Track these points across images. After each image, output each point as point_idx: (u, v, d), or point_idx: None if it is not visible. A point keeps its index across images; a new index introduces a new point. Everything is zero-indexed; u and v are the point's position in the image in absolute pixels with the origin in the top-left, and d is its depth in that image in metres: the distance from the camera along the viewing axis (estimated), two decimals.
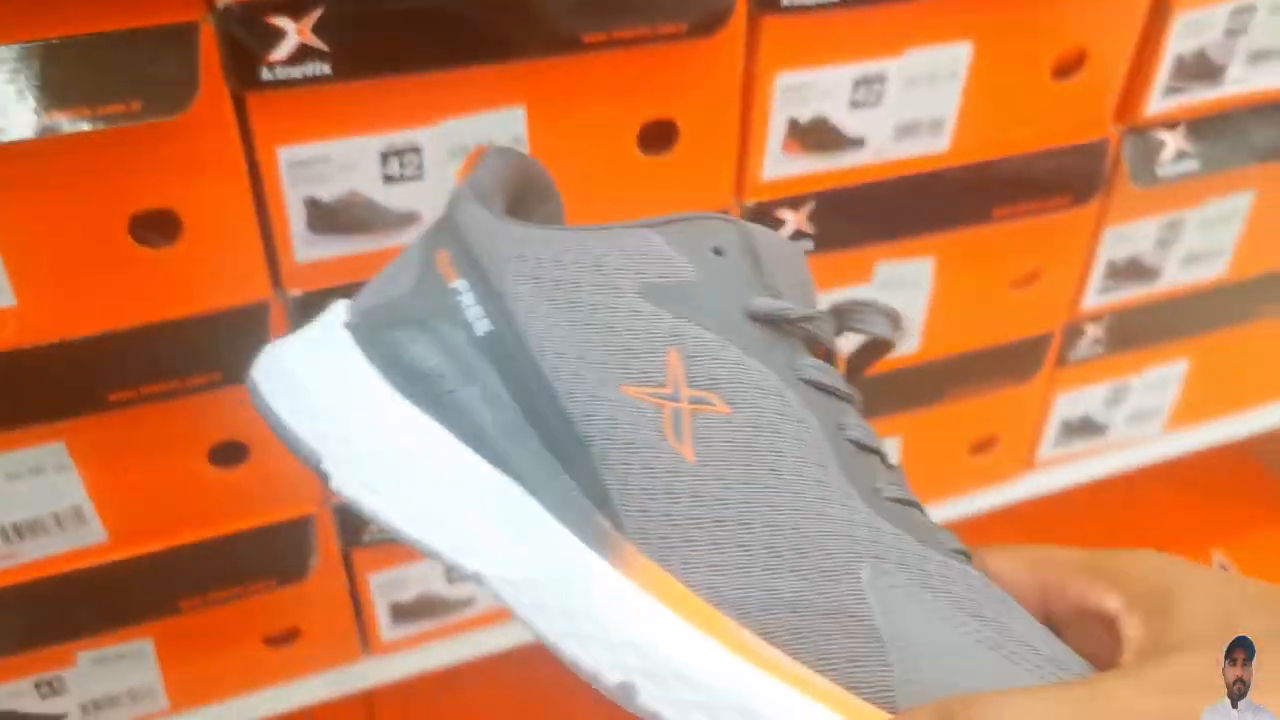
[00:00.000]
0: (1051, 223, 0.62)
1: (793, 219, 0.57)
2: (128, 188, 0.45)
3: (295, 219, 0.48)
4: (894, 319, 0.36)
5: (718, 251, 0.34)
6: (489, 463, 0.33)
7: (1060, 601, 0.32)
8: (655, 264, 0.34)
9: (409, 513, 0.33)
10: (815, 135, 0.55)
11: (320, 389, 0.35)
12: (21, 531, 0.52)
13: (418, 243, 0.38)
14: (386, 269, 0.38)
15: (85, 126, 0.41)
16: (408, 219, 0.50)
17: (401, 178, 0.49)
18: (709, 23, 0.49)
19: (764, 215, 0.56)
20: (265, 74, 0.44)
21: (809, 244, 0.57)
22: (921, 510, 0.34)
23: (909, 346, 0.65)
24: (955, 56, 0.55)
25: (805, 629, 0.30)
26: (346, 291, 0.50)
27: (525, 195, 0.40)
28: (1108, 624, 0.31)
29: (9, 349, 0.47)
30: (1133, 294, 0.70)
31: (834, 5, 0.50)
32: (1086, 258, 0.67)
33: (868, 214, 0.58)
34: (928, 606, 0.31)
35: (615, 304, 0.33)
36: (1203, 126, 0.62)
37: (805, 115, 0.54)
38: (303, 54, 0.44)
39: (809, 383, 0.34)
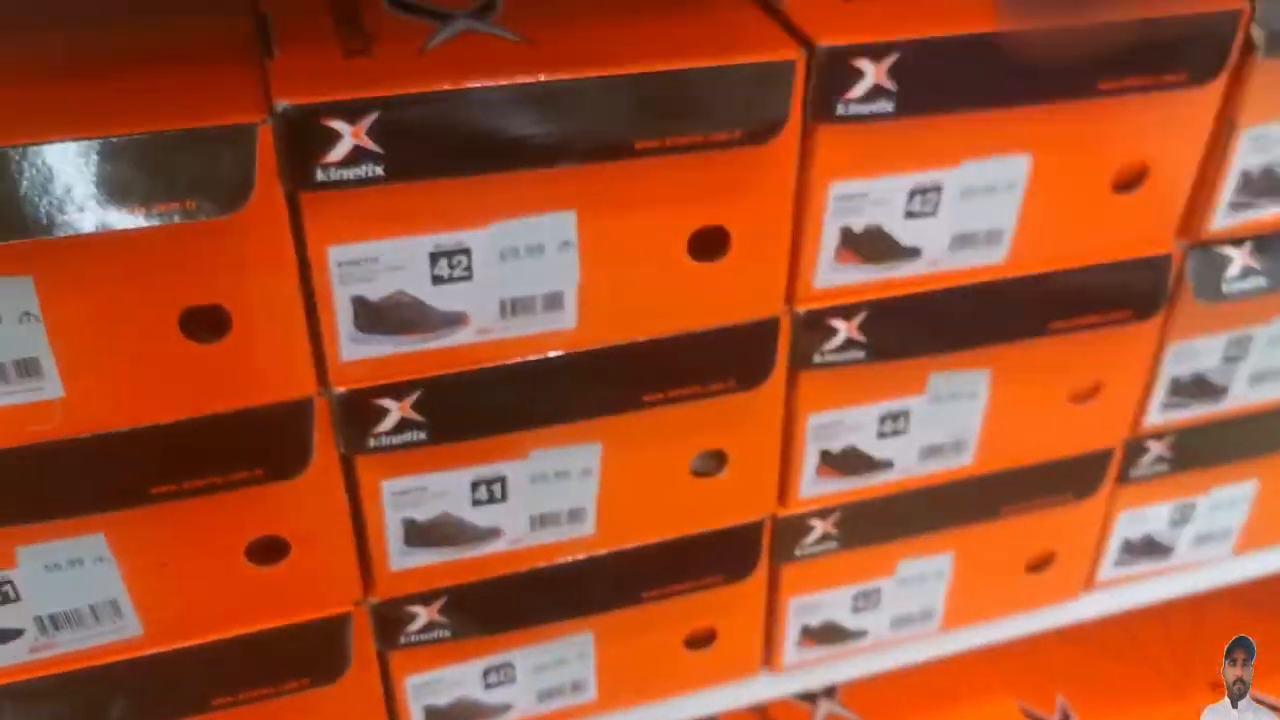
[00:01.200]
0: (1113, 336, 0.61)
1: (845, 328, 0.56)
2: (180, 283, 0.46)
3: (343, 317, 0.49)
4: None
5: None
6: None
7: None
8: None
9: None
10: (869, 244, 0.54)
11: None
12: (58, 623, 0.52)
13: None
14: None
15: (142, 223, 0.42)
16: (456, 319, 0.50)
17: (450, 278, 0.49)
18: (763, 131, 0.49)
19: (815, 323, 0.56)
20: (320, 175, 0.44)
21: (861, 354, 0.56)
22: None
23: (963, 459, 0.64)
24: (1014, 168, 0.54)
25: None
26: (391, 391, 0.51)
27: None
28: None
29: (54, 439, 0.47)
30: (1198, 411, 0.67)
31: (888, 116, 0.50)
32: (1149, 373, 0.65)
33: (922, 324, 0.57)
34: None
35: None
36: (1270, 243, 0.60)
37: (859, 224, 0.54)
38: (357, 156, 0.44)
39: None
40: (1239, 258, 0.60)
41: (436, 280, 0.49)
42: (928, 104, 0.51)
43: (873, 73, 0.49)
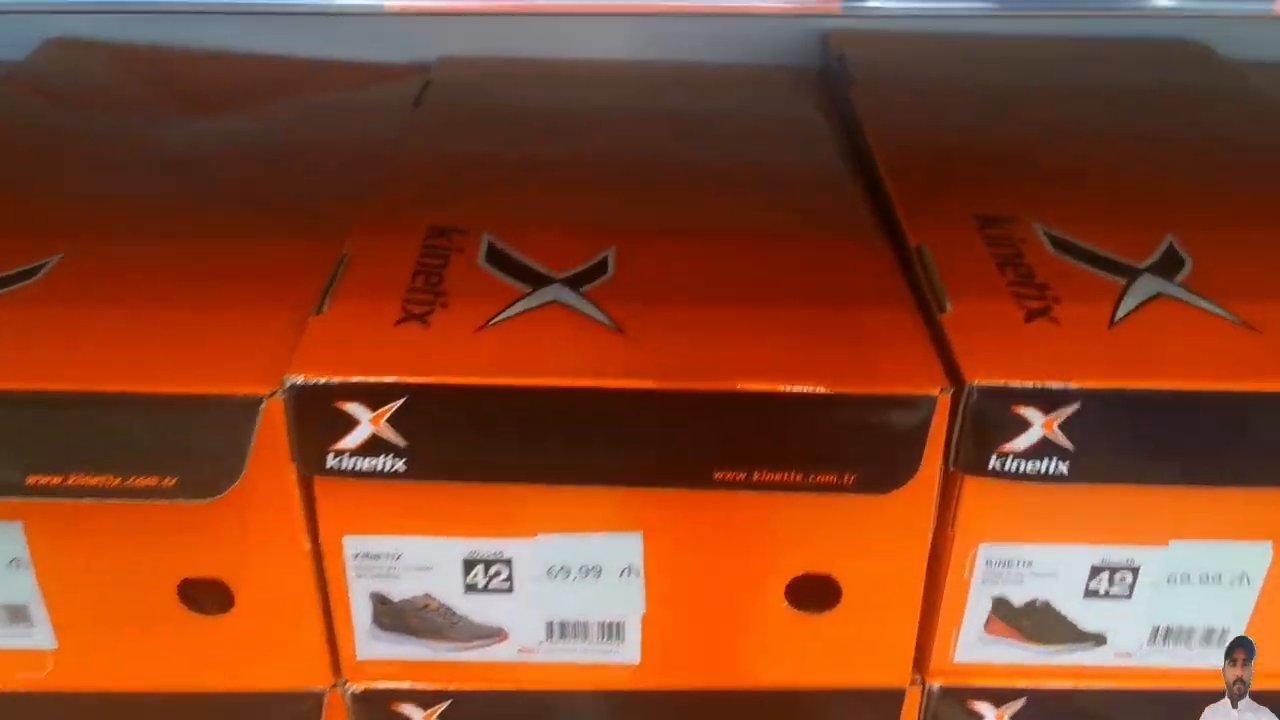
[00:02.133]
0: None
1: (993, 716, 0.44)
2: (177, 551, 0.41)
3: (359, 611, 0.42)
4: None
5: None
6: None
7: None
8: None
9: None
10: (1033, 621, 0.42)
11: None
12: None
13: None
14: None
15: (107, 498, 0.37)
16: (491, 634, 0.42)
17: (487, 588, 0.41)
18: (882, 480, 0.38)
19: (955, 703, 0.43)
20: (331, 461, 0.38)
21: None
22: None
23: None
24: (1249, 556, 0.41)
25: None
26: (414, 695, 0.43)
27: None
28: None
29: (45, 690, 0.43)
30: None
31: (1060, 479, 0.38)
32: None
33: None
34: None
35: None
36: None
37: (1019, 596, 0.42)
38: (375, 446, 0.38)
39: None
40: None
41: (471, 589, 0.41)
42: (1118, 470, 0.38)
43: (1041, 424, 0.37)
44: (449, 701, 0.44)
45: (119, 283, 0.43)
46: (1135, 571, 0.41)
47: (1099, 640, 0.43)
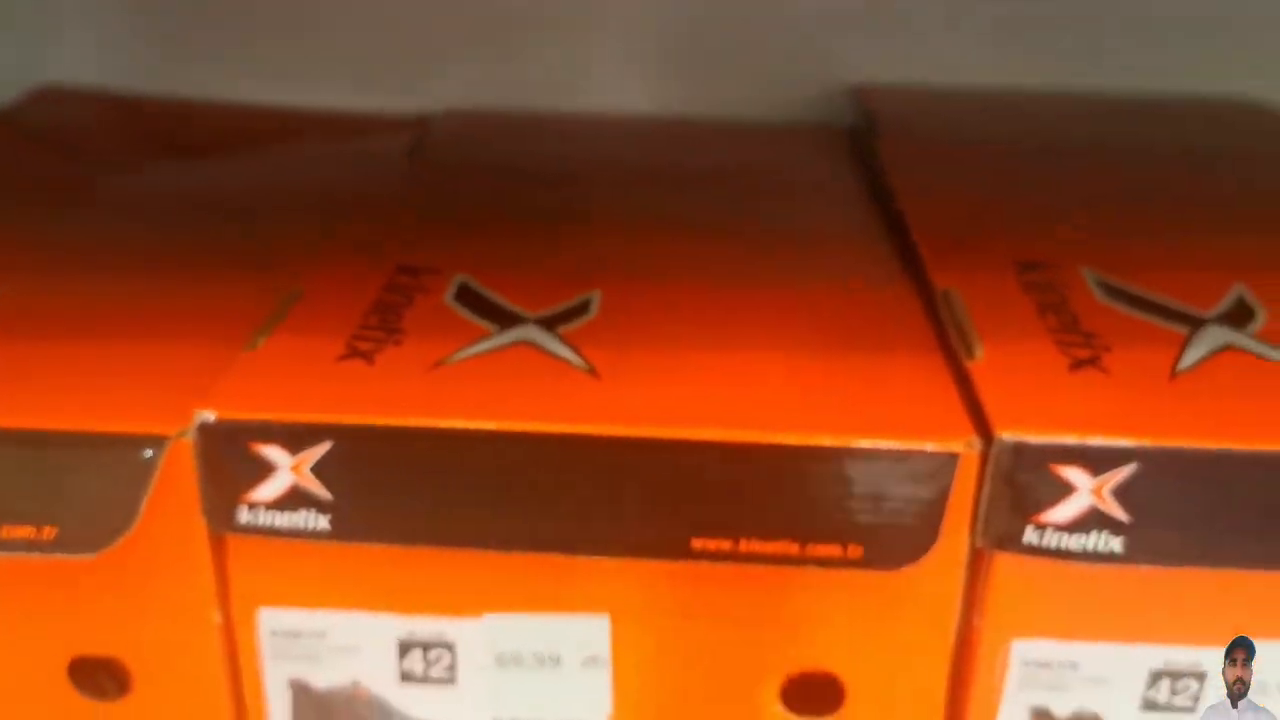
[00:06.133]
0: None
1: None
2: (66, 621, 0.35)
3: (275, 700, 0.35)
4: None
5: None
6: None
7: None
8: None
9: None
10: None
11: None
12: None
13: None
14: None
15: None
16: None
17: (425, 678, 0.35)
18: (895, 554, 0.32)
19: None
20: (244, 516, 0.32)
21: None
22: None
23: None
24: None
25: None
26: None
27: None
28: None
29: None
30: None
31: (1114, 559, 0.31)
32: None
33: None
34: None
35: None
36: None
37: (1064, 707, 0.34)
38: (295, 498, 0.32)
39: None
40: None
41: (407, 678, 0.35)
42: (1186, 550, 0.32)
43: (1090, 489, 0.31)
44: None
45: (37, 319, 0.38)
46: (1202, 679, 0.34)
47: None
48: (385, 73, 0.62)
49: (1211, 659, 0.33)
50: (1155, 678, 0.34)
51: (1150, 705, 0.34)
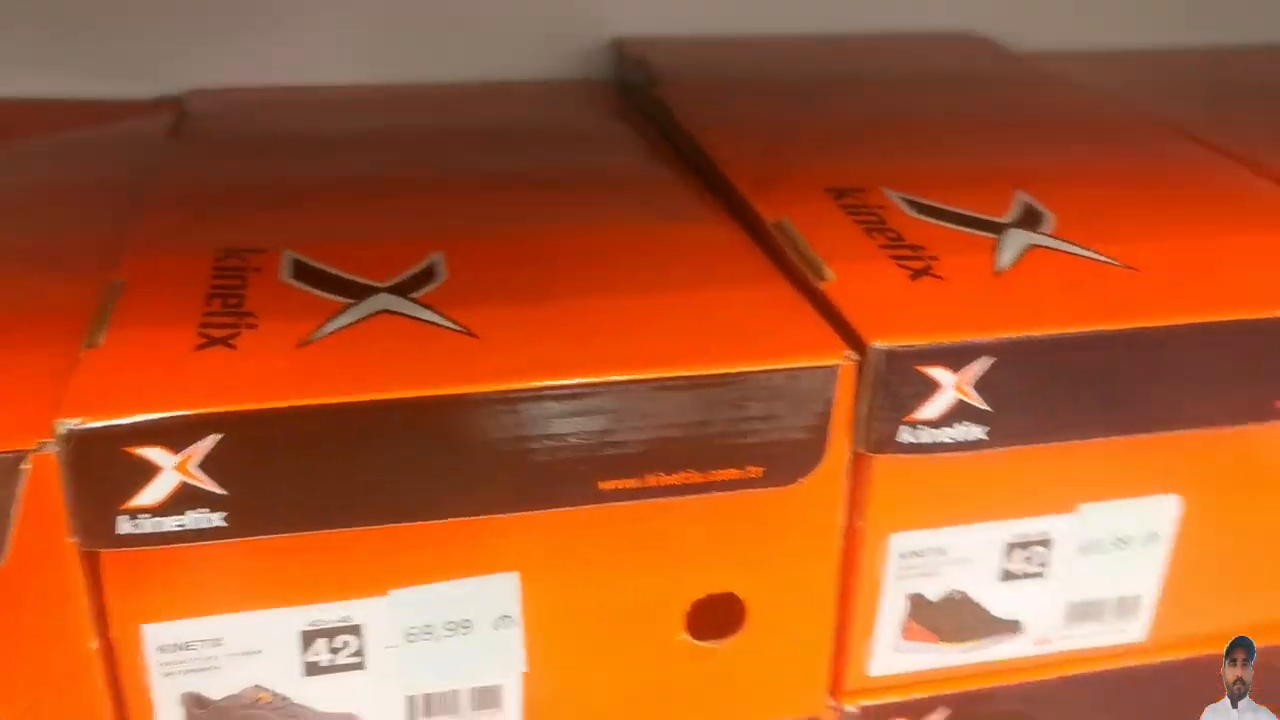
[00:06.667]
0: None
1: None
2: None
3: (166, 718, 0.33)
4: None
5: None
6: None
7: None
8: None
9: None
10: (950, 617, 0.38)
11: None
12: None
13: None
14: None
15: None
16: None
17: (332, 666, 0.34)
18: (786, 469, 0.33)
19: None
20: (124, 526, 0.30)
21: None
22: None
23: None
24: (1155, 514, 0.38)
25: None
26: None
27: None
28: None
29: None
30: None
31: (979, 445, 0.35)
32: None
33: None
34: None
35: None
36: None
37: (934, 590, 0.38)
38: (186, 498, 0.30)
39: None
40: None
41: (312, 669, 0.34)
42: (1038, 428, 0.35)
43: (953, 385, 0.34)
44: None
45: None
46: (1048, 544, 0.38)
47: (1016, 628, 0.39)
48: (118, 58, 0.57)
49: (1057, 525, 0.38)
50: (1010, 549, 0.38)
51: (1008, 575, 0.38)
